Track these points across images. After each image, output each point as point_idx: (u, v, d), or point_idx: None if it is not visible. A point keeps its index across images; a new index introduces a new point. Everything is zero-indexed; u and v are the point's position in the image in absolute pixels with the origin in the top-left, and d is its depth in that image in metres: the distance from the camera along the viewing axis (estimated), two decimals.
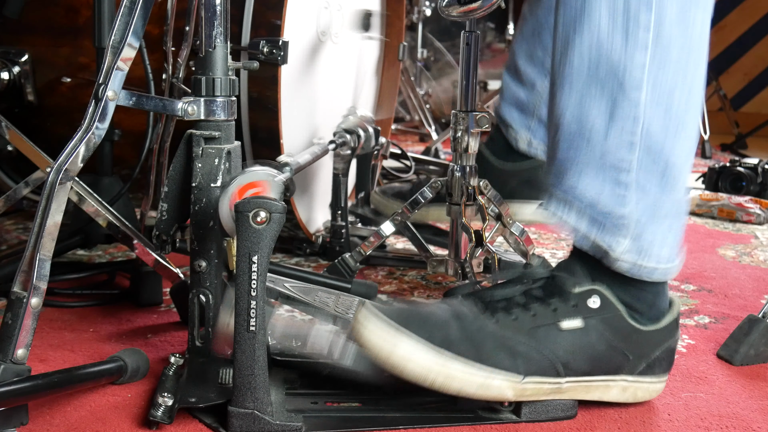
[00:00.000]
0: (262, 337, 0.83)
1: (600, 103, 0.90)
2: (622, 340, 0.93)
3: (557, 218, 0.95)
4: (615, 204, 0.92)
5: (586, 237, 0.94)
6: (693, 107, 0.93)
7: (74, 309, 1.25)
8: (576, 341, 0.92)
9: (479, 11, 1.13)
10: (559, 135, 0.94)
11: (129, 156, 1.43)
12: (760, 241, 1.90)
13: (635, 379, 0.95)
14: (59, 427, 0.87)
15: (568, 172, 0.93)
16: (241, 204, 0.82)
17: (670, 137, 0.91)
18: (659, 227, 0.94)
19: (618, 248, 0.92)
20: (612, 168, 0.91)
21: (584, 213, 0.93)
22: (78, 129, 0.91)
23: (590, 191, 0.92)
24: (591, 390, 0.94)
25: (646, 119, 0.90)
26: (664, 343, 0.96)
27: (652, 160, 0.91)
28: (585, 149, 0.92)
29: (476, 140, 1.30)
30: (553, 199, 0.96)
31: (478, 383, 0.88)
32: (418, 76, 3.56)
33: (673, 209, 0.94)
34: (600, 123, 0.91)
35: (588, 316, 0.92)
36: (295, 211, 1.53)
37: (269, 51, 1.20)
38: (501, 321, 0.91)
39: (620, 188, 0.91)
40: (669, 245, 0.95)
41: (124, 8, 0.93)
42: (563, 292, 0.93)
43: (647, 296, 0.96)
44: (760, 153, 3.38)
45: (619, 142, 0.90)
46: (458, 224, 1.32)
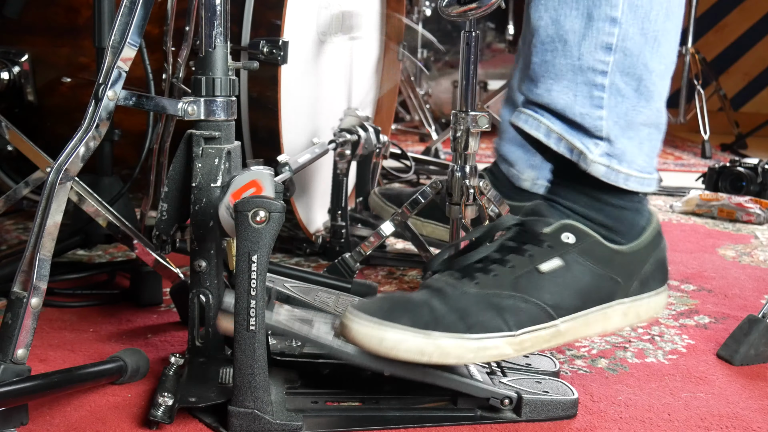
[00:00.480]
0: (262, 336, 0.83)
1: (578, 5, 0.91)
2: (605, 266, 0.93)
3: (530, 121, 0.95)
4: (591, 106, 0.92)
5: (560, 138, 0.93)
6: (673, 16, 0.93)
7: (74, 309, 1.25)
8: (560, 280, 0.91)
9: (479, 11, 1.13)
10: (535, 38, 0.94)
11: (129, 156, 1.43)
12: (760, 241, 1.90)
13: (632, 299, 0.95)
14: (59, 427, 0.87)
15: (544, 75, 0.93)
16: (240, 204, 0.82)
17: (649, 44, 0.92)
18: (636, 134, 0.94)
19: (594, 149, 0.92)
20: (589, 69, 0.91)
21: (560, 115, 0.93)
22: (78, 129, 0.91)
23: (567, 93, 0.92)
24: (591, 324, 0.93)
25: (624, 22, 0.90)
26: (650, 256, 0.96)
27: (629, 64, 0.91)
28: (561, 51, 0.92)
29: (476, 140, 1.30)
30: (528, 104, 0.96)
31: (474, 348, 0.88)
32: (418, 76, 3.56)
33: (650, 118, 0.95)
34: (577, 25, 0.91)
35: (565, 252, 0.92)
36: (295, 211, 1.53)
37: (269, 51, 1.20)
38: (481, 281, 0.91)
39: (596, 90, 0.92)
40: (645, 154, 0.95)
41: (124, 8, 0.94)
42: (535, 236, 0.92)
43: (626, 215, 0.95)
44: (760, 153, 3.39)
45: (595, 43, 0.91)
46: (458, 224, 1.32)
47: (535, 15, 0.94)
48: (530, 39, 0.95)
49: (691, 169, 3.04)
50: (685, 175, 2.85)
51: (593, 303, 0.93)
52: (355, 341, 0.87)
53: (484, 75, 3.90)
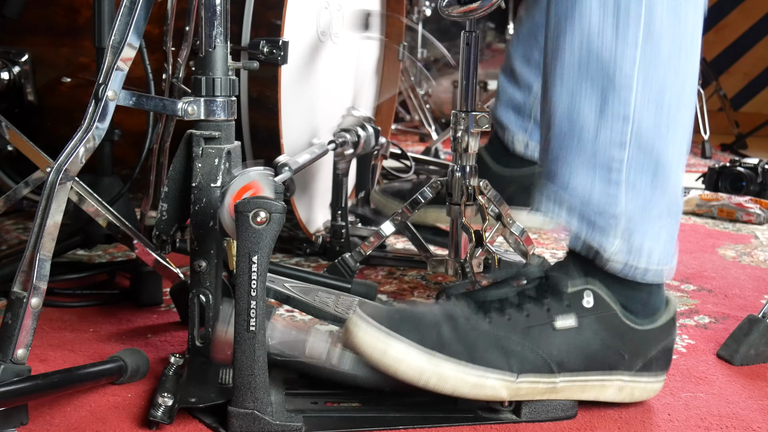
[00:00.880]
0: (262, 337, 0.83)
1: (590, 101, 0.90)
2: (617, 339, 0.93)
3: (550, 216, 0.95)
4: (606, 203, 0.92)
5: (577, 236, 0.94)
6: (685, 105, 0.92)
7: (74, 309, 1.25)
8: (570, 340, 0.92)
9: (479, 11, 1.13)
10: (551, 132, 0.94)
11: (129, 156, 1.42)
12: (760, 241, 1.90)
13: (631, 378, 0.95)
14: (59, 427, 0.87)
15: (560, 169, 0.93)
16: (241, 204, 0.82)
17: (662, 135, 0.91)
18: (651, 227, 0.93)
19: (609, 248, 0.92)
20: (603, 166, 0.91)
21: (576, 211, 0.93)
22: (78, 129, 0.91)
23: (582, 189, 0.92)
24: (587, 389, 0.94)
25: (636, 117, 0.89)
26: (660, 342, 0.96)
27: (643, 158, 0.91)
28: (576, 147, 0.91)
29: (476, 140, 1.30)
30: (545, 197, 0.95)
31: (471, 383, 0.88)
32: (418, 76, 3.56)
33: (666, 209, 0.94)
34: (590, 120, 0.90)
35: (582, 314, 0.92)
36: (295, 211, 1.53)
37: (269, 51, 1.20)
38: (494, 321, 0.91)
39: (611, 187, 0.91)
40: (662, 246, 0.95)
41: (124, 8, 0.94)
42: (557, 292, 0.93)
43: (641, 296, 0.95)
44: (760, 153, 3.39)
45: (609, 140, 0.90)
46: (458, 224, 1.32)
47: (550, 109, 0.93)
48: (545, 132, 0.95)
49: (691, 169, 3.04)
50: (685, 175, 2.84)
51: (596, 370, 0.93)
52: (357, 349, 0.87)
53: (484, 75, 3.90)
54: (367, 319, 0.87)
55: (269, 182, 0.91)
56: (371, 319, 0.87)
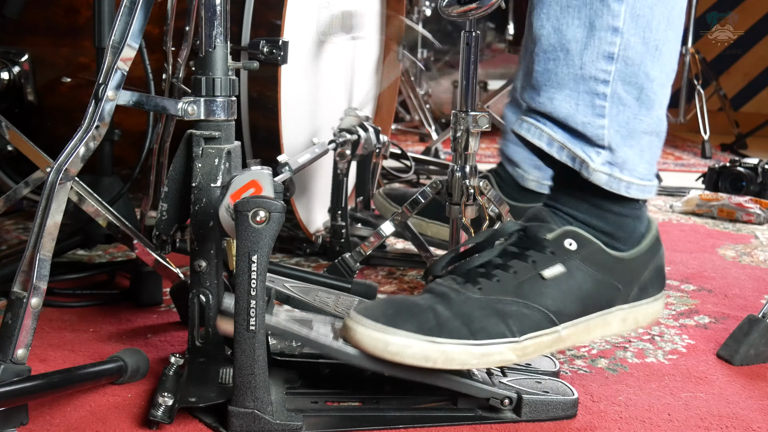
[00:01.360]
0: (262, 336, 0.83)
1: (580, 14, 0.91)
2: (607, 273, 0.93)
3: (533, 130, 0.95)
4: (593, 115, 0.92)
5: (563, 147, 0.94)
6: (674, 26, 0.93)
7: (74, 309, 1.25)
8: (562, 286, 0.92)
9: (479, 11, 1.13)
10: (537, 48, 0.94)
11: (129, 156, 1.43)
12: (760, 241, 1.90)
13: (631, 306, 0.96)
14: (59, 427, 0.87)
15: (546, 84, 0.94)
16: (240, 204, 0.82)
17: (650, 53, 0.92)
18: (637, 142, 0.94)
19: (596, 158, 0.93)
20: (591, 79, 0.92)
21: (562, 124, 0.94)
22: (78, 129, 0.91)
23: (569, 102, 0.93)
24: (591, 329, 0.94)
25: (625, 32, 0.91)
26: (649, 263, 0.97)
27: (630, 73, 0.92)
28: (564, 61, 0.92)
29: (476, 140, 1.30)
30: (531, 112, 0.96)
31: (478, 354, 0.88)
32: (418, 76, 3.56)
33: (651, 126, 0.95)
34: (580, 34, 0.91)
35: (568, 258, 0.92)
36: (295, 211, 1.53)
37: (269, 51, 1.20)
38: (484, 287, 0.91)
39: (598, 99, 0.92)
40: (646, 161, 0.96)
41: (124, 8, 0.94)
42: (538, 241, 0.93)
43: (627, 222, 0.96)
44: (760, 153, 3.39)
45: (598, 52, 0.91)
46: (458, 224, 1.32)
47: (537, 24, 0.94)
48: (532, 48, 0.95)
49: (691, 169, 3.04)
50: (685, 175, 2.85)
51: (594, 309, 0.94)
52: (359, 346, 0.87)
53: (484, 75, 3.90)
54: (362, 319, 0.87)
55: (269, 181, 0.91)
56: (366, 317, 0.87)
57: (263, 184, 0.90)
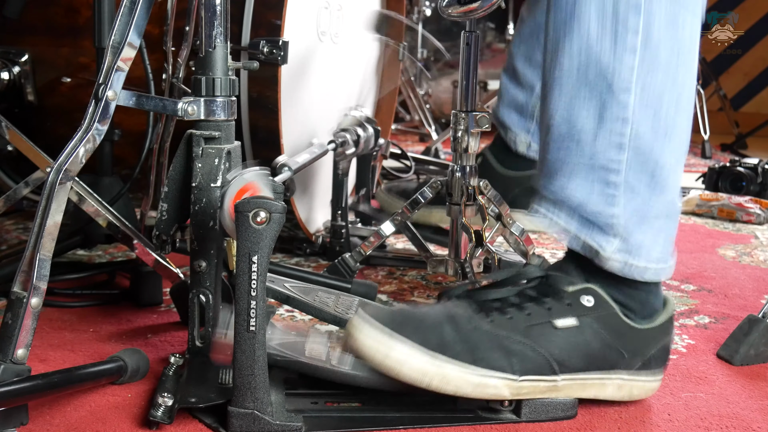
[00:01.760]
0: (262, 337, 0.83)
1: (589, 105, 0.91)
2: (617, 338, 0.94)
3: (547, 219, 0.96)
4: (604, 204, 0.93)
5: (576, 237, 0.94)
6: (683, 110, 0.93)
7: (74, 309, 1.25)
8: (571, 339, 0.92)
9: (479, 11, 1.13)
10: (549, 136, 0.95)
11: (129, 156, 1.42)
12: (760, 241, 1.90)
13: (631, 377, 0.96)
14: (59, 427, 0.87)
15: (558, 173, 0.94)
16: (241, 204, 0.82)
17: (660, 139, 0.92)
18: (650, 227, 0.95)
19: (608, 248, 0.93)
20: (601, 169, 0.92)
21: (574, 213, 0.94)
22: (78, 129, 0.91)
23: (580, 192, 0.93)
24: (587, 387, 0.94)
25: (635, 121, 0.91)
26: (659, 341, 0.97)
27: (641, 161, 0.92)
28: (575, 150, 0.93)
29: (476, 140, 1.30)
30: (543, 201, 0.97)
31: (474, 383, 0.88)
32: (418, 76, 3.56)
33: (663, 210, 0.95)
34: (589, 125, 0.91)
35: (582, 314, 0.93)
36: (295, 211, 1.53)
37: (269, 51, 1.20)
38: (496, 321, 0.91)
39: (610, 188, 0.92)
40: (660, 246, 0.96)
41: (124, 8, 0.93)
42: (557, 291, 0.94)
43: (640, 295, 0.96)
44: (760, 153, 3.38)
45: (608, 143, 0.91)
46: (458, 224, 1.32)
47: (548, 112, 0.94)
48: (544, 135, 0.96)
49: (691, 169, 3.04)
50: (685, 175, 2.83)
51: (596, 369, 0.94)
52: (359, 351, 0.87)
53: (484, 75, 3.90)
54: (369, 320, 0.88)
55: (267, 182, 0.91)
56: (373, 320, 0.88)
57: (262, 185, 0.90)
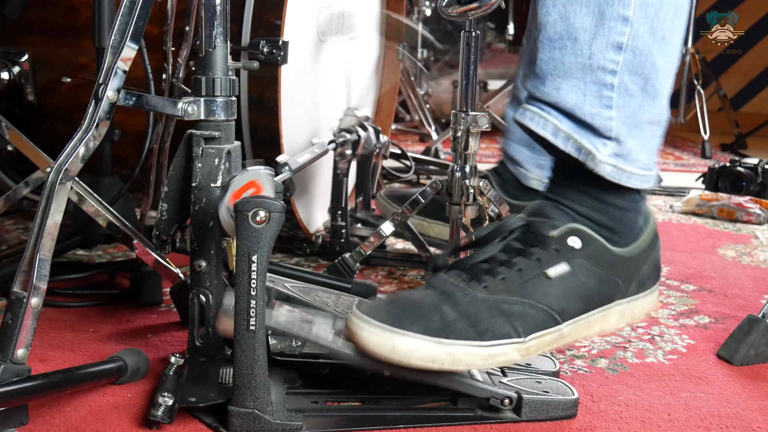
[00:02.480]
0: (262, 336, 0.83)
1: (589, 3, 0.90)
2: (609, 270, 0.93)
3: (539, 119, 0.94)
4: (601, 105, 0.92)
5: (569, 138, 0.93)
6: (680, 15, 0.93)
7: (74, 309, 1.25)
8: (567, 285, 0.92)
9: (478, 11, 1.13)
10: (542, 36, 0.93)
11: (129, 156, 1.43)
12: (760, 241, 1.90)
13: (629, 300, 0.96)
14: (59, 427, 0.87)
15: (552, 73, 0.93)
16: (240, 204, 0.82)
17: (657, 42, 0.91)
18: (641, 132, 0.94)
19: (603, 150, 0.92)
20: (599, 69, 0.91)
21: (568, 114, 0.93)
22: (78, 129, 0.91)
23: (576, 92, 0.92)
24: (591, 325, 0.94)
25: (635, 22, 0.90)
26: (648, 258, 0.97)
27: (638, 63, 0.91)
28: (571, 49, 0.91)
29: (476, 140, 1.30)
30: (534, 101, 0.95)
31: (485, 355, 0.88)
32: (418, 76, 3.56)
33: (654, 116, 0.95)
34: (588, 23, 0.90)
35: (572, 257, 0.92)
36: (295, 211, 1.53)
37: (269, 51, 1.20)
38: (490, 285, 0.91)
39: (606, 89, 0.91)
40: (648, 151, 0.96)
41: (124, 8, 0.94)
42: (542, 239, 0.93)
43: (628, 216, 0.96)
44: (760, 153, 3.39)
45: (607, 42, 0.90)
46: (458, 224, 1.32)
47: (543, 10, 0.92)
48: (536, 35, 0.94)
49: (691, 169, 3.04)
50: (685, 175, 2.85)
51: (595, 306, 0.94)
52: (366, 349, 0.87)
53: (484, 75, 3.90)
54: (368, 319, 0.87)
55: (270, 181, 0.91)
56: (372, 318, 0.87)
57: (263, 185, 0.90)
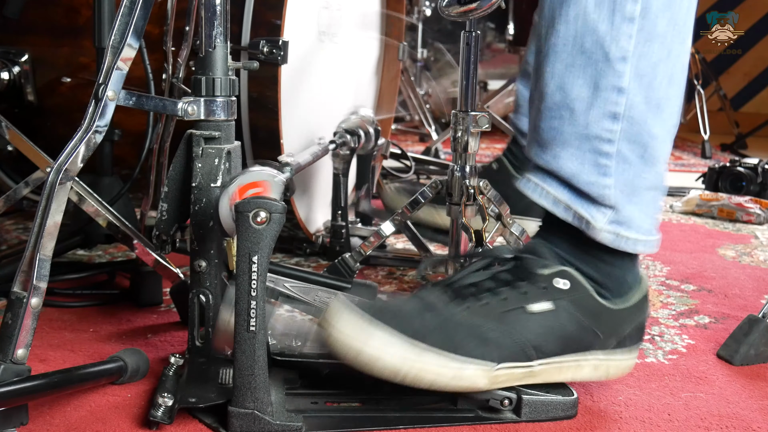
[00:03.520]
0: (262, 337, 0.83)
1: (585, 74, 0.91)
2: (592, 319, 0.93)
3: (539, 189, 0.95)
4: (598, 174, 0.92)
5: (568, 207, 0.94)
6: (676, 83, 0.93)
7: (74, 309, 1.25)
8: (546, 323, 0.91)
9: (478, 11, 1.13)
10: (543, 104, 0.94)
11: (129, 156, 1.43)
12: (760, 241, 1.90)
13: (606, 357, 0.95)
14: (59, 427, 0.87)
15: (551, 142, 0.94)
16: (241, 204, 0.82)
17: (653, 110, 0.92)
18: (640, 199, 0.94)
19: (601, 218, 0.93)
20: (595, 138, 0.92)
21: (567, 183, 0.93)
22: (78, 129, 0.91)
23: (573, 161, 0.93)
24: (563, 370, 0.94)
25: (630, 91, 0.90)
26: (634, 320, 0.97)
27: (635, 132, 0.92)
28: (569, 119, 0.92)
29: (476, 140, 1.30)
30: (535, 170, 0.96)
31: (450, 375, 0.87)
32: (418, 76, 3.56)
33: (653, 183, 0.95)
34: (584, 93, 0.91)
35: (557, 297, 0.92)
36: (295, 211, 1.53)
37: (269, 51, 1.20)
38: (471, 307, 0.90)
39: (603, 158, 0.92)
40: (650, 217, 0.96)
41: (124, 8, 0.93)
42: (532, 275, 0.93)
43: (618, 273, 0.96)
44: (760, 153, 3.39)
45: (602, 112, 0.91)
46: (458, 224, 1.32)
47: (543, 81, 0.94)
48: (537, 103, 0.95)
49: (691, 169, 3.04)
50: (685, 175, 2.85)
51: (571, 351, 0.93)
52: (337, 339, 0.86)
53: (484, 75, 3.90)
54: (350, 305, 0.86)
55: (273, 182, 0.91)
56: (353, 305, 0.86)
57: (268, 185, 0.90)
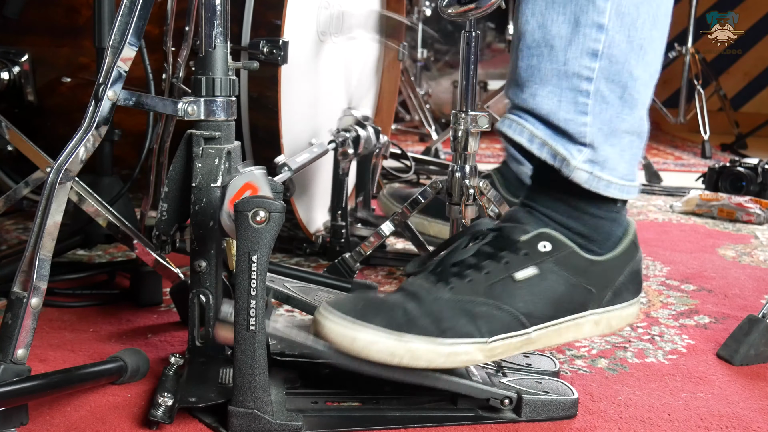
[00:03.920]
0: (262, 336, 0.83)
1: (565, 11, 0.90)
2: (580, 276, 0.93)
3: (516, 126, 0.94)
4: (575, 111, 0.92)
5: (544, 144, 0.93)
6: (659, 26, 0.93)
7: (74, 309, 1.25)
8: (534, 289, 0.91)
9: (478, 11, 1.13)
10: (522, 43, 0.93)
11: (129, 156, 1.43)
12: (760, 241, 1.90)
13: (605, 310, 0.95)
14: (59, 427, 0.87)
15: (529, 80, 0.93)
16: (240, 204, 0.82)
17: (635, 51, 0.91)
18: (618, 141, 0.94)
19: (578, 156, 0.92)
20: (574, 75, 0.91)
21: (544, 120, 0.93)
22: (78, 129, 0.91)
23: (552, 99, 0.92)
24: (562, 333, 0.93)
25: (610, 29, 0.90)
26: (625, 267, 0.96)
27: (614, 71, 0.91)
28: (547, 56, 0.92)
29: (476, 140, 1.30)
30: (513, 109, 0.95)
31: (445, 353, 0.87)
32: (418, 76, 3.56)
33: (633, 126, 0.94)
34: (564, 30, 0.91)
35: (541, 261, 0.92)
36: (295, 211, 1.53)
37: (269, 51, 1.20)
38: (456, 287, 0.90)
39: (582, 96, 0.91)
40: (627, 161, 0.95)
41: (124, 8, 0.94)
42: (512, 243, 0.92)
43: (605, 225, 0.95)
44: (760, 153, 3.39)
45: (582, 49, 0.90)
46: (458, 224, 1.32)
47: (522, 19, 0.93)
48: (516, 43, 0.95)
49: (691, 169, 3.04)
50: (685, 175, 2.85)
51: (566, 312, 0.93)
52: (327, 339, 0.87)
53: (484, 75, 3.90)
54: (332, 311, 0.87)
55: (267, 182, 0.91)
56: (336, 310, 0.87)
57: (261, 185, 0.90)
